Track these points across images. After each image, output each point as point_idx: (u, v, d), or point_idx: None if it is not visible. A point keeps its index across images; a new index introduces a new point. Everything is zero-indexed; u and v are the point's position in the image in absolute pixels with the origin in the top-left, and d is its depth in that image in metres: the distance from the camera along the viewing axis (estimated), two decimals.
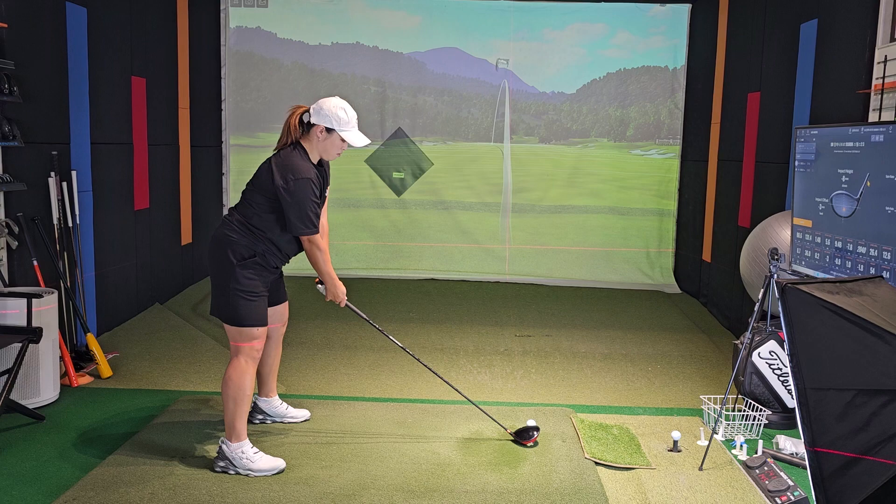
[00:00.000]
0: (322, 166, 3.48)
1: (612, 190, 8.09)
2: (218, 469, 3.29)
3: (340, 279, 3.59)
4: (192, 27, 6.83)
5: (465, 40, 7.97)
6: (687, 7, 7.74)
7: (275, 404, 3.88)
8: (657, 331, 6.01)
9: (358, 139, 3.42)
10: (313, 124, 3.38)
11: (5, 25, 4.19)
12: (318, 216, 3.35)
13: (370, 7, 7.89)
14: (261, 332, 3.35)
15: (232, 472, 3.27)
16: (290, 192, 3.26)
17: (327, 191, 3.57)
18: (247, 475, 3.26)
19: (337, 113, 3.36)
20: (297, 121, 3.41)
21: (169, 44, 6.46)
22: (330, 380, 4.65)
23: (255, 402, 3.86)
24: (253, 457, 3.29)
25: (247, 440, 3.33)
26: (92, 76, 5.15)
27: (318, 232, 3.37)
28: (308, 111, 3.41)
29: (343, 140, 3.39)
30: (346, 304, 3.63)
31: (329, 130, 3.37)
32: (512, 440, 3.71)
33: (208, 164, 7.47)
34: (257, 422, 3.84)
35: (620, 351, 5.43)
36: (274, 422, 3.87)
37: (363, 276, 7.71)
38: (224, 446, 3.30)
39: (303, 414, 3.94)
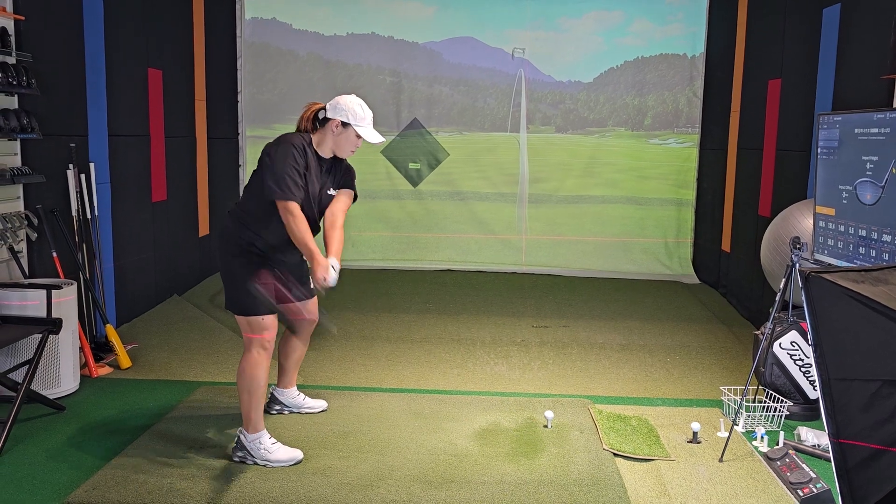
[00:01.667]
0: (339, 162, 3.47)
1: (630, 180, 8.02)
2: (236, 459, 3.30)
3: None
4: (208, 19, 6.84)
5: (481, 30, 7.91)
6: None
7: (292, 395, 3.89)
8: (676, 321, 5.96)
9: (372, 135, 3.40)
10: (329, 118, 3.37)
11: (22, 18, 4.21)
12: (297, 186, 3.20)
13: None
14: (269, 323, 3.33)
15: (250, 462, 3.28)
16: (271, 156, 3.21)
17: (334, 190, 3.47)
18: (264, 465, 3.26)
19: (353, 108, 3.35)
20: (310, 115, 3.42)
21: (185, 35, 6.47)
22: (347, 370, 4.65)
23: (272, 393, 3.87)
24: (270, 447, 3.29)
25: (264, 431, 3.34)
26: (109, 68, 5.17)
27: (293, 200, 3.17)
28: (324, 108, 3.41)
29: (358, 136, 3.38)
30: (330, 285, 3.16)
31: (345, 125, 3.36)
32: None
33: (225, 156, 7.49)
34: (274, 412, 3.85)
35: (638, 342, 5.38)
36: (291, 412, 3.88)
37: (379, 267, 7.70)
38: (242, 437, 3.32)
39: (320, 404, 3.94)
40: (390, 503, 2.99)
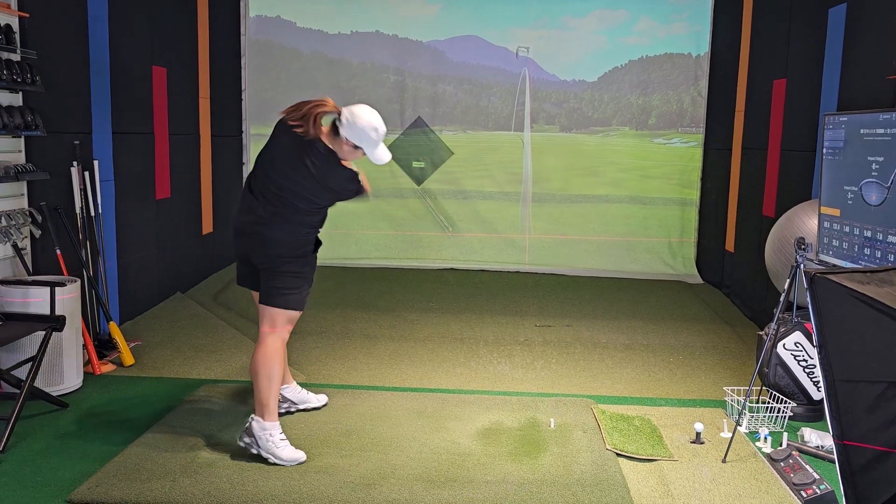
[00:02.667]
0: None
1: (634, 179, 8.00)
2: (242, 444, 3.31)
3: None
4: (212, 16, 6.83)
5: (485, 28, 7.90)
6: None
7: (297, 390, 3.90)
8: (679, 321, 5.95)
9: (383, 158, 3.41)
10: (342, 135, 3.32)
11: (27, 15, 4.21)
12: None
13: None
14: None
15: (254, 451, 3.28)
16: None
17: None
18: (266, 458, 3.26)
19: (369, 134, 3.30)
20: (320, 119, 3.31)
21: (189, 33, 6.47)
22: (350, 369, 4.65)
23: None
24: (279, 443, 3.30)
25: (278, 423, 3.35)
26: (113, 66, 5.17)
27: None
28: (339, 115, 3.32)
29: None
30: None
31: (356, 147, 3.35)
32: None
33: (229, 154, 7.49)
34: (282, 410, 3.84)
35: (642, 341, 5.37)
36: (298, 409, 3.88)
37: (383, 265, 7.70)
38: (255, 424, 3.31)
39: (322, 398, 3.97)
40: (392, 502, 2.99)
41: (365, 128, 3.29)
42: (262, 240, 3.36)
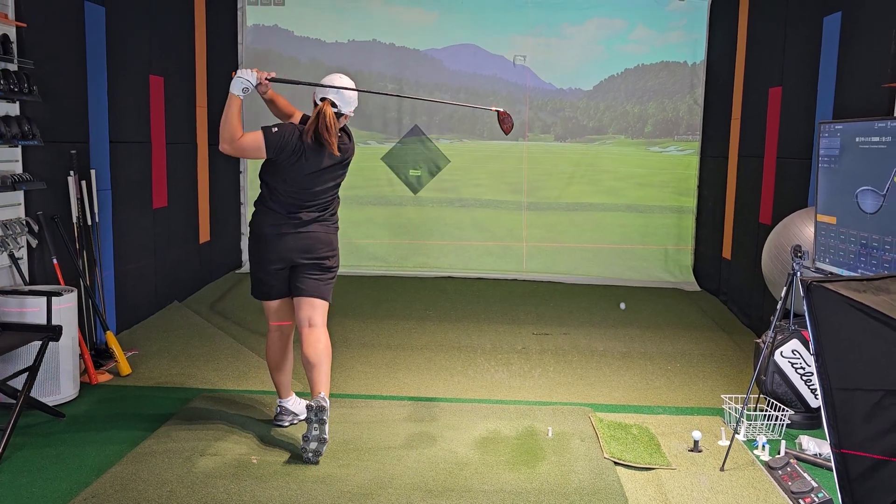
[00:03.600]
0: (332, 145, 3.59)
1: (630, 187, 8.02)
2: (315, 428, 3.35)
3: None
4: (210, 26, 6.85)
5: (483, 36, 7.93)
6: (706, 1, 7.65)
7: (297, 402, 3.89)
8: (676, 329, 5.95)
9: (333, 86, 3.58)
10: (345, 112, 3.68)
11: (24, 25, 4.22)
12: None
13: (387, 4, 7.88)
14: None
15: (324, 433, 3.37)
16: None
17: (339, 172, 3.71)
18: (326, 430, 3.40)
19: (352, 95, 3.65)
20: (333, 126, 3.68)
21: (187, 42, 6.48)
22: (346, 378, 4.64)
23: (281, 406, 3.86)
24: None
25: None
26: (110, 75, 5.17)
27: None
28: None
29: (317, 104, 3.59)
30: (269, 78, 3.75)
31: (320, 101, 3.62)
32: None
33: (226, 163, 7.48)
34: (287, 424, 3.83)
35: (639, 349, 5.37)
36: (300, 420, 3.86)
37: (380, 273, 7.70)
38: (325, 402, 3.39)
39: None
40: None
41: (353, 94, 3.64)
42: (316, 240, 3.64)
